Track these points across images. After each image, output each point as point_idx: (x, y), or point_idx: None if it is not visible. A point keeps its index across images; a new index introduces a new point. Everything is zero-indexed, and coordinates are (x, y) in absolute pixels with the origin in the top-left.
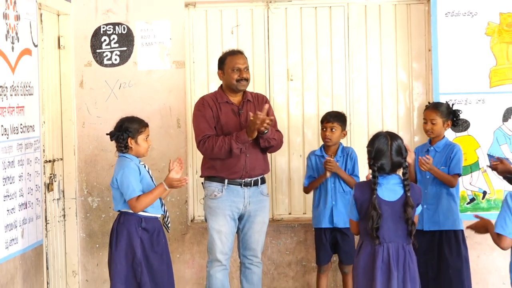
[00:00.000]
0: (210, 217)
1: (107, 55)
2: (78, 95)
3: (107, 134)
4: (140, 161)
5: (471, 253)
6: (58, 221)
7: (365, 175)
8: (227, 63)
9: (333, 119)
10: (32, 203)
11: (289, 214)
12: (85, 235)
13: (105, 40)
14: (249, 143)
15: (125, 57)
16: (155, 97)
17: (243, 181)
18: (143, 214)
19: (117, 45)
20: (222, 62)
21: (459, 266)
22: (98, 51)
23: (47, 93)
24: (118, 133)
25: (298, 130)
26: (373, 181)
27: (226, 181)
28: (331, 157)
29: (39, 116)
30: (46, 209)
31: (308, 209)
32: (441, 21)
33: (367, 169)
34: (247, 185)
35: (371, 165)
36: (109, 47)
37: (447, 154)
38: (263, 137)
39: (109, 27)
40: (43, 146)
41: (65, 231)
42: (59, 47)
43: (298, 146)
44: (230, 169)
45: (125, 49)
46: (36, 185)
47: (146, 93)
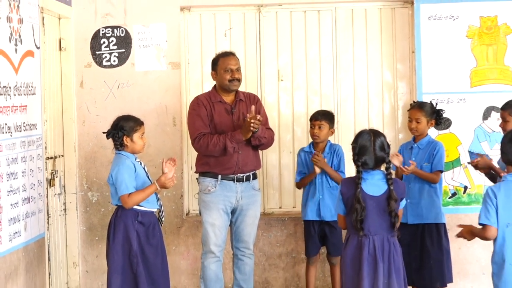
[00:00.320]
0: (204, 211)
1: (106, 57)
2: (78, 95)
3: (103, 132)
4: (136, 158)
5: (453, 245)
6: (59, 215)
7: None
8: (220, 64)
9: (321, 117)
10: (34, 198)
11: (280, 208)
12: (85, 228)
13: (104, 42)
14: (243, 142)
15: (123, 59)
16: (152, 96)
17: (236, 176)
18: (139, 208)
19: (115, 47)
20: (215, 63)
21: (441, 257)
22: (97, 52)
23: (49, 93)
24: (113, 132)
25: (288, 128)
26: (357, 175)
27: (219, 176)
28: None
29: (41, 114)
30: (48, 204)
31: (297, 203)
32: (424, 24)
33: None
34: (240, 180)
35: (355, 160)
36: (108, 49)
37: (430, 151)
38: (254, 135)
39: (108, 30)
40: (45, 143)
41: (66, 224)
42: (60, 49)
43: (288, 143)
44: (223, 165)
45: (123, 51)
46: (38, 181)
47: (143, 92)
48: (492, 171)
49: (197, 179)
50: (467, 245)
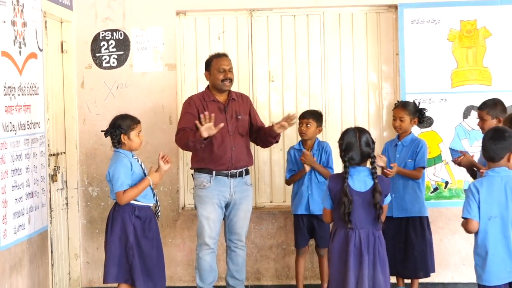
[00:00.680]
0: (199, 205)
1: (105, 59)
2: (79, 95)
3: (102, 131)
4: (133, 155)
5: (435, 237)
6: (61, 209)
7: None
8: (213, 64)
9: (309, 116)
10: (38, 193)
11: (271, 202)
12: (86, 221)
13: (103, 45)
14: (201, 141)
15: (122, 60)
16: (149, 96)
17: (229, 172)
18: (136, 203)
19: (114, 50)
20: (208, 64)
21: (424, 249)
22: (97, 55)
23: (51, 93)
24: (111, 130)
25: None
26: (344, 171)
27: (214, 172)
28: (308, 151)
29: (44, 113)
30: (50, 198)
31: (287, 197)
32: (407, 28)
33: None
34: (233, 176)
35: (342, 156)
36: (107, 51)
37: (413, 148)
38: (276, 138)
39: (108, 33)
40: (48, 141)
41: (67, 218)
42: (62, 51)
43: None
44: (217, 162)
45: (122, 53)
46: (41, 176)
47: (141, 92)
48: (473, 168)
49: (192, 175)
50: (448, 237)
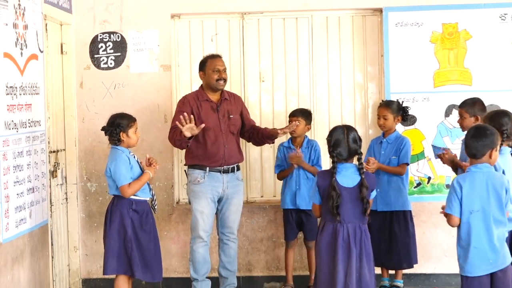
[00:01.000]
0: (193, 199)
1: (103, 60)
2: (78, 94)
3: (101, 129)
4: (130, 152)
5: (418, 230)
6: (61, 204)
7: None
8: (208, 65)
9: (298, 114)
10: (38, 188)
11: (261, 197)
12: (84, 215)
13: (101, 46)
14: (186, 140)
15: (119, 62)
16: (145, 96)
17: (222, 168)
18: (133, 197)
19: (112, 51)
20: (203, 64)
21: (407, 241)
22: (95, 56)
23: (51, 92)
24: (111, 128)
25: (268, 124)
26: (332, 166)
27: (207, 168)
28: (298, 148)
29: (44, 112)
30: (50, 193)
31: (277, 192)
32: (392, 30)
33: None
34: (226, 172)
35: (331, 152)
36: (105, 52)
37: (397, 145)
38: (273, 140)
39: (105, 35)
40: (48, 138)
41: (67, 212)
42: (62, 52)
43: None
44: (211, 159)
45: (119, 54)
46: (42, 172)
47: (137, 92)
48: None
49: (185, 171)
50: (430, 230)
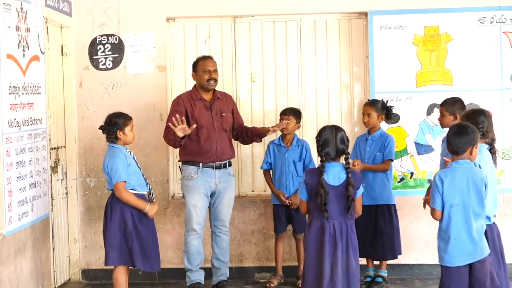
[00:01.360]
0: (187, 194)
1: (102, 61)
2: (78, 94)
3: (99, 128)
4: (126, 149)
5: (401, 223)
6: (61, 198)
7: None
8: (199, 66)
9: (289, 113)
10: (40, 183)
11: (252, 191)
12: (84, 209)
13: (100, 48)
14: (179, 140)
15: (117, 63)
16: (142, 95)
17: (215, 164)
18: (132, 192)
19: (110, 53)
20: (195, 65)
21: (392, 233)
22: (94, 57)
23: (52, 92)
24: (108, 127)
25: (259, 123)
26: (320, 165)
27: (200, 164)
28: (288, 146)
29: (45, 111)
30: (51, 188)
31: (267, 187)
32: (376, 33)
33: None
34: (218, 167)
35: (319, 151)
36: (103, 54)
37: (382, 142)
38: (262, 139)
39: (104, 38)
40: (49, 136)
41: (67, 206)
42: (62, 54)
43: None
44: (204, 155)
45: (117, 56)
46: (43, 168)
47: (134, 92)
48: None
49: (179, 167)
50: (413, 223)
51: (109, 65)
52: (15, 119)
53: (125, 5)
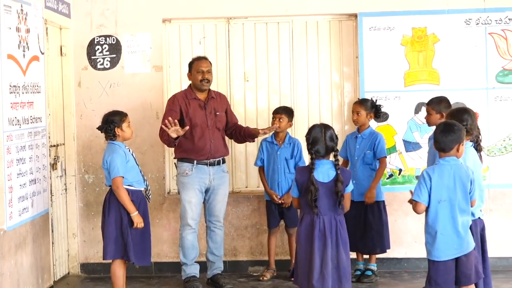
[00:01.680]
0: (182, 190)
1: (100, 61)
2: (76, 93)
3: (97, 128)
4: (125, 146)
5: (390, 218)
6: (61, 194)
7: None
8: (194, 66)
9: (282, 111)
10: (40, 179)
11: (246, 187)
12: (82, 205)
13: (98, 48)
14: (173, 141)
15: (114, 63)
16: (138, 94)
17: (209, 161)
18: (129, 188)
19: (108, 53)
20: (190, 66)
21: (381, 228)
22: (92, 57)
23: (51, 91)
24: (106, 126)
25: (252, 121)
26: (310, 163)
27: (195, 161)
28: (280, 143)
29: (45, 109)
30: (51, 184)
31: (261, 183)
32: (366, 34)
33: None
34: (212, 164)
35: (309, 149)
36: (101, 54)
37: (371, 140)
38: (254, 139)
39: (102, 38)
40: (49, 133)
41: (66, 201)
42: (61, 54)
43: None
44: (199, 152)
45: (114, 56)
46: (43, 165)
47: (131, 91)
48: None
49: (175, 164)
50: (401, 218)
51: (107, 65)
52: (16, 118)
53: (123, 6)
